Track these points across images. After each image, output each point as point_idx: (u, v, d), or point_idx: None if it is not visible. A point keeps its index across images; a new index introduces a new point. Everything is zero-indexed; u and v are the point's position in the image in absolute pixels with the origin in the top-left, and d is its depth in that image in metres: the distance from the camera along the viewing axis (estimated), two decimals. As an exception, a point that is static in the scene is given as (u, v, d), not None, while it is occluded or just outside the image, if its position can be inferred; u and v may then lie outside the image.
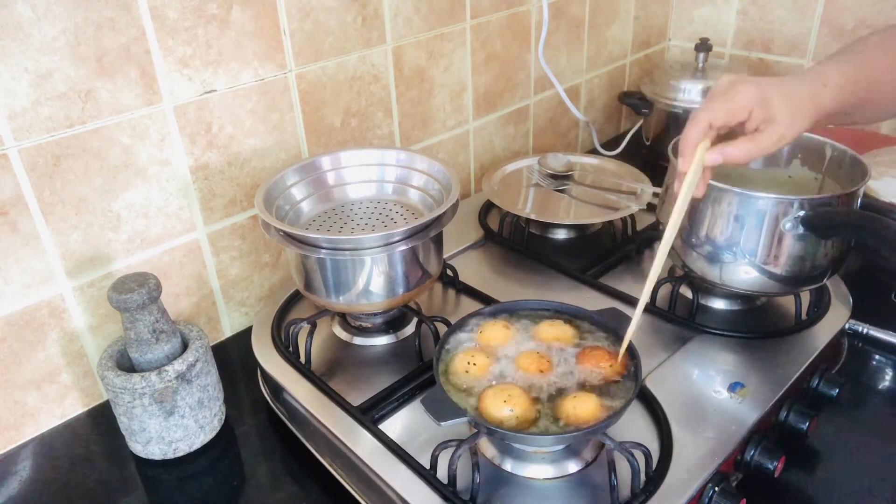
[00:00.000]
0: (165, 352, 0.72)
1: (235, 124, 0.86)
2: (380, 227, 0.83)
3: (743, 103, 0.61)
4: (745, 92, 0.61)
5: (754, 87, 0.61)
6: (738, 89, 0.62)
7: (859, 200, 0.77)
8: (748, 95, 0.61)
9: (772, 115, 0.61)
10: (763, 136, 0.62)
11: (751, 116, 0.62)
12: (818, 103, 0.63)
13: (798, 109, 0.62)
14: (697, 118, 0.62)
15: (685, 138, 0.63)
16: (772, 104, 0.61)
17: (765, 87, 0.62)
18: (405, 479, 0.64)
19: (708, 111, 0.62)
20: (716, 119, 0.62)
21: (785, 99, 0.61)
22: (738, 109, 0.61)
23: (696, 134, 0.62)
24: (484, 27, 1.13)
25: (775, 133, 0.62)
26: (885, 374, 0.84)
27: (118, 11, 0.72)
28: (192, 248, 0.87)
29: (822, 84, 0.64)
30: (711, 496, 0.63)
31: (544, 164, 1.13)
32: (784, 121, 0.61)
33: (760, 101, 0.61)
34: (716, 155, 0.62)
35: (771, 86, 0.62)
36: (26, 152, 0.70)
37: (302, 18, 0.88)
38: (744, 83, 0.62)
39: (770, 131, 0.62)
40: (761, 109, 0.61)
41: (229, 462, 0.76)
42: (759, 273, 0.78)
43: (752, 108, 0.61)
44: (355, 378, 0.78)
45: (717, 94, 0.64)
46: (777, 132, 0.62)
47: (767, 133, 0.62)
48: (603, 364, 0.66)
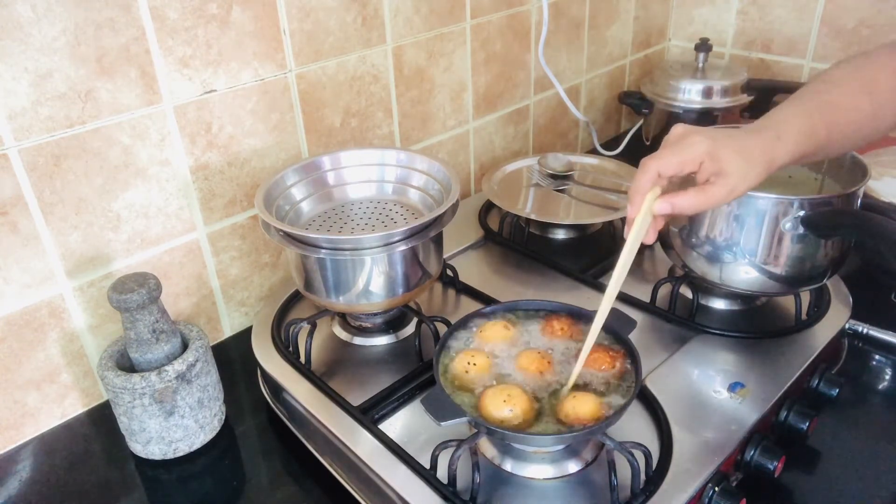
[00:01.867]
0: (165, 352, 0.72)
1: (235, 124, 0.86)
2: (380, 227, 0.83)
3: (693, 155, 0.61)
4: (696, 143, 0.61)
5: (706, 140, 0.61)
6: (690, 140, 0.62)
7: (859, 200, 0.77)
8: (699, 148, 0.61)
9: (722, 168, 0.61)
10: (713, 188, 0.61)
11: (701, 168, 0.61)
12: (771, 157, 0.63)
13: (750, 163, 0.61)
14: (647, 167, 0.62)
15: (634, 186, 0.62)
16: (722, 158, 0.61)
17: (717, 141, 0.61)
18: (405, 479, 0.64)
19: (658, 160, 0.62)
20: (665, 169, 0.62)
21: (736, 153, 0.61)
22: (688, 161, 0.61)
23: (644, 182, 0.62)
24: (484, 27, 1.13)
25: (726, 186, 0.61)
26: (885, 374, 0.84)
27: (118, 11, 0.72)
28: (192, 248, 0.87)
29: (776, 137, 0.64)
30: (711, 496, 0.63)
31: (544, 164, 1.13)
32: (736, 174, 0.61)
33: (711, 155, 0.61)
34: (664, 205, 0.62)
35: (723, 139, 0.62)
36: (26, 152, 0.70)
37: (302, 18, 0.88)
38: (696, 134, 0.62)
39: (721, 184, 0.61)
40: (711, 163, 0.61)
41: (229, 462, 0.76)
42: (759, 273, 0.78)
43: (702, 160, 0.61)
44: (355, 378, 0.78)
45: (669, 143, 0.63)
46: (728, 185, 0.61)
47: (718, 186, 0.61)
48: (603, 364, 0.66)
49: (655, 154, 0.63)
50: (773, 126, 0.65)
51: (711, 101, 1.29)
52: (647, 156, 0.63)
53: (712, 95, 1.29)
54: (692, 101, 1.29)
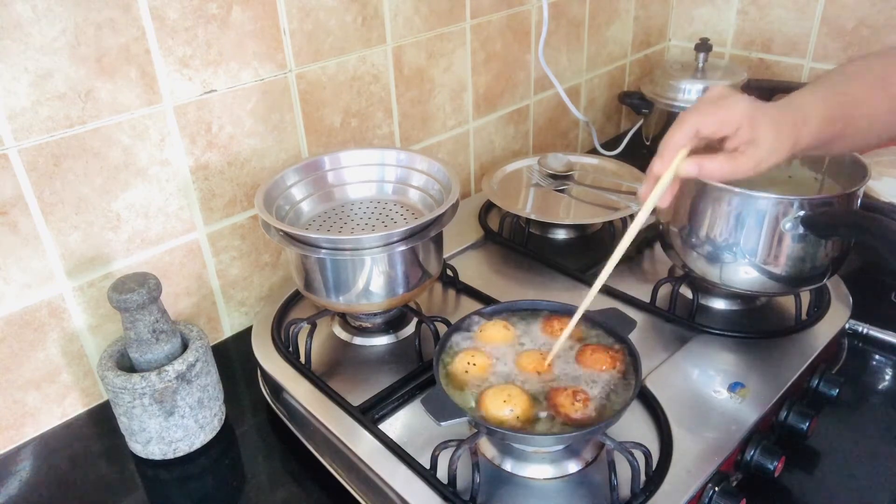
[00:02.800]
0: (165, 352, 0.72)
1: (235, 124, 0.86)
2: (380, 227, 0.83)
3: (735, 115, 0.58)
4: (739, 103, 0.59)
5: (748, 104, 0.59)
6: (733, 99, 0.59)
7: (859, 200, 0.77)
8: (742, 108, 0.58)
9: (757, 136, 0.59)
10: (743, 157, 0.59)
11: (737, 133, 0.59)
12: (798, 137, 0.61)
13: (781, 138, 0.59)
14: (686, 121, 0.59)
15: (669, 140, 0.59)
16: (760, 125, 0.58)
17: (758, 108, 0.59)
18: (405, 479, 0.64)
19: (699, 115, 0.59)
20: (704, 126, 0.59)
21: (772, 124, 0.59)
22: (729, 120, 0.59)
23: (681, 137, 0.59)
24: (484, 27, 1.13)
25: (755, 156, 0.59)
26: (885, 374, 0.84)
27: (118, 11, 0.72)
28: (192, 248, 0.87)
29: (804, 119, 0.62)
30: (711, 496, 0.63)
31: (544, 164, 1.13)
32: (766, 146, 0.58)
33: (751, 121, 0.58)
34: (692, 166, 0.59)
35: (763, 108, 0.60)
36: (26, 152, 0.70)
37: (302, 18, 0.88)
38: (738, 95, 0.60)
39: (750, 153, 0.59)
40: (749, 128, 0.58)
41: (229, 462, 0.76)
42: (759, 273, 0.78)
43: (741, 123, 0.58)
44: (355, 378, 0.78)
45: (710, 100, 0.61)
46: (757, 156, 0.59)
47: (748, 155, 0.59)
48: (603, 364, 0.66)
49: (694, 108, 0.59)
50: (798, 107, 0.62)
51: (711, 101, 1.28)
52: (685, 110, 0.60)
53: (712, 95, 1.28)
54: (692, 101, 1.29)
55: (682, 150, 0.59)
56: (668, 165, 0.59)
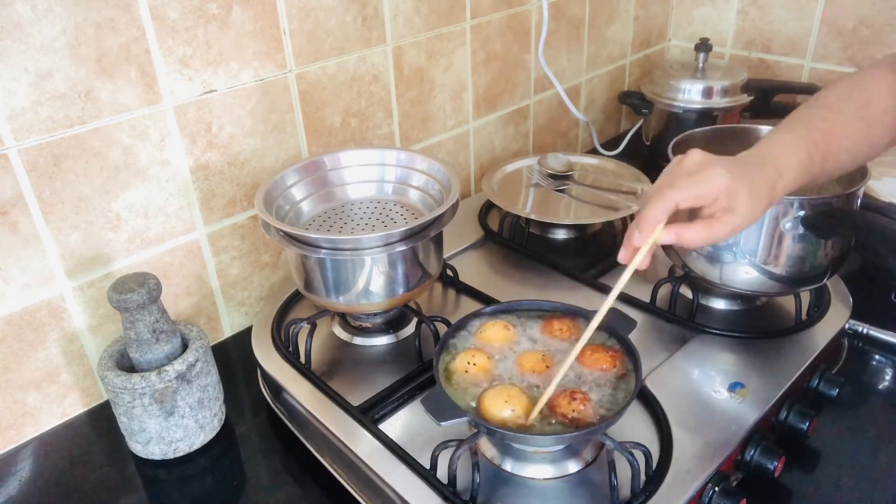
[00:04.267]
0: (165, 352, 0.72)
1: (235, 124, 0.86)
2: (380, 227, 0.83)
3: (712, 190, 0.59)
4: (717, 177, 0.59)
5: (726, 175, 0.59)
6: (711, 173, 0.59)
7: (859, 200, 0.77)
8: (719, 182, 0.59)
9: (734, 205, 0.60)
10: (719, 224, 0.60)
11: (714, 203, 0.60)
12: (773, 195, 0.62)
13: (757, 202, 0.61)
14: (665, 196, 0.59)
15: (648, 215, 0.60)
16: (736, 195, 0.59)
17: (734, 177, 0.60)
18: (405, 479, 0.64)
19: (678, 191, 0.59)
20: (683, 201, 0.59)
21: (748, 191, 0.60)
22: (706, 195, 0.59)
23: (660, 212, 0.59)
24: (484, 27, 1.13)
25: (731, 223, 0.60)
26: (885, 374, 0.84)
27: (118, 11, 0.72)
28: (192, 248, 0.87)
29: (779, 175, 0.63)
30: (711, 496, 0.63)
31: (544, 164, 1.13)
32: (742, 212, 0.60)
33: (728, 192, 0.59)
34: (670, 235, 0.60)
35: (740, 177, 0.60)
36: (26, 152, 0.70)
37: (302, 18, 0.88)
38: (716, 166, 0.60)
39: (727, 220, 0.60)
40: (726, 199, 0.59)
41: (229, 462, 0.76)
42: (759, 273, 0.78)
43: (719, 195, 0.59)
44: (355, 378, 0.78)
45: (687, 173, 0.61)
46: (734, 223, 0.60)
47: (724, 222, 0.60)
48: (603, 364, 0.66)
49: (673, 183, 0.60)
50: (774, 160, 0.63)
51: (711, 101, 1.29)
52: (663, 182, 0.61)
53: (712, 95, 1.28)
54: (692, 101, 1.29)
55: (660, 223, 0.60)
56: (646, 238, 0.60)
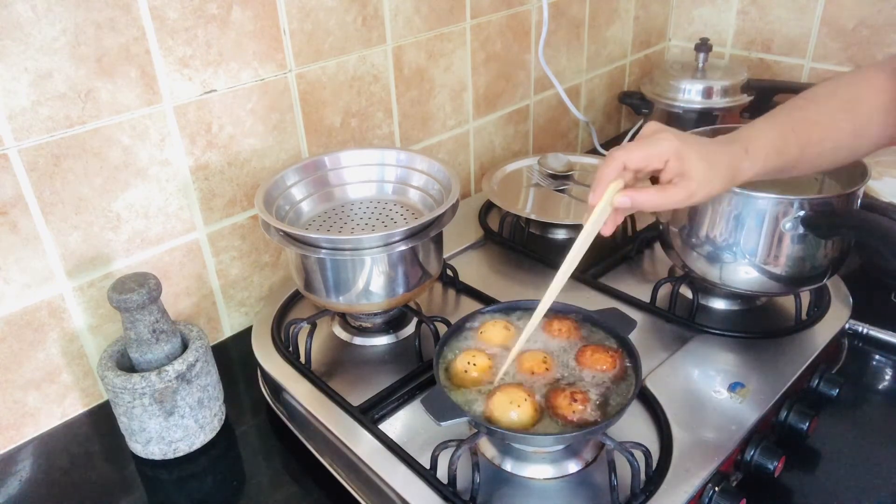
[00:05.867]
0: (165, 352, 0.72)
1: (235, 124, 0.86)
2: (380, 227, 0.83)
3: (660, 151, 0.62)
4: (665, 140, 0.62)
5: (675, 140, 0.62)
6: (659, 137, 0.63)
7: (859, 200, 0.77)
8: (667, 145, 0.62)
9: (686, 170, 0.62)
10: (673, 189, 0.62)
11: (666, 167, 0.62)
12: (735, 170, 0.64)
13: (714, 171, 0.62)
14: (614, 157, 0.62)
15: (599, 174, 0.63)
16: (688, 160, 0.62)
17: (686, 143, 0.62)
18: (405, 479, 0.64)
19: (625, 151, 0.62)
20: (630, 161, 0.62)
21: (701, 159, 0.62)
22: (654, 156, 0.62)
23: (609, 171, 0.62)
24: (484, 27, 1.13)
25: (687, 189, 0.62)
26: (885, 374, 0.84)
27: (118, 11, 0.72)
28: (192, 248, 0.87)
29: (745, 151, 0.65)
30: (711, 496, 0.63)
31: (544, 164, 1.13)
32: (697, 179, 0.61)
33: (678, 154, 0.62)
34: (624, 199, 0.62)
35: (692, 142, 0.63)
36: (26, 152, 0.70)
37: (302, 18, 0.88)
38: (667, 132, 0.63)
39: (682, 186, 0.62)
40: (677, 162, 0.62)
41: (229, 462, 0.76)
42: (759, 273, 0.78)
43: (668, 158, 0.62)
44: (355, 378, 0.78)
45: (640, 137, 0.64)
46: (689, 188, 0.62)
47: (679, 187, 0.62)
48: (603, 364, 0.66)
49: (624, 145, 0.64)
50: (744, 140, 0.66)
51: (711, 101, 1.29)
52: (616, 146, 0.65)
53: (712, 95, 1.28)
54: (692, 101, 1.29)
55: (612, 183, 0.62)
56: (599, 197, 0.62)
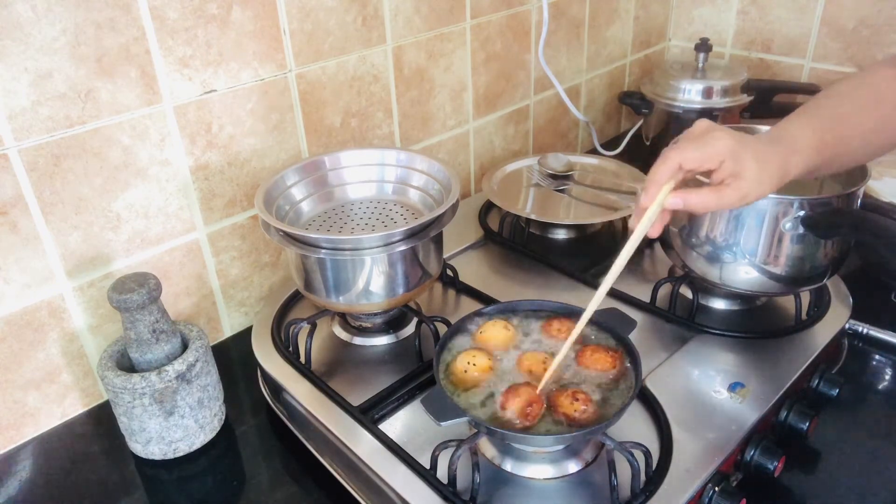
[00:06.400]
0: (165, 352, 0.72)
1: (235, 124, 0.86)
2: (380, 227, 0.83)
3: (717, 152, 0.60)
4: (721, 140, 0.61)
5: (730, 139, 0.61)
6: (714, 136, 0.61)
7: (859, 200, 0.77)
8: (723, 145, 0.60)
9: (741, 170, 0.60)
10: (728, 190, 0.61)
11: (721, 167, 0.61)
12: (786, 169, 0.63)
13: (766, 172, 0.61)
14: (669, 157, 0.61)
15: (653, 175, 0.61)
16: (743, 160, 0.60)
17: (740, 142, 0.61)
18: (405, 479, 0.64)
19: (681, 152, 0.61)
20: (687, 161, 0.61)
21: (756, 159, 0.61)
22: (710, 157, 0.60)
23: (665, 172, 0.61)
24: (484, 27, 1.13)
25: (740, 190, 0.61)
26: (885, 374, 0.84)
27: (118, 11, 0.72)
28: (192, 248, 0.87)
29: (794, 151, 0.64)
30: (711, 496, 0.63)
31: (544, 164, 1.13)
32: (751, 179, 0.60)
33: (733, 155, 0.60)
34: (677, 200, 0.61)
35: (746, 141, 0.61)
36: (26, 152, 0.70)
37: (302, 18, 0.88)
38: (721, 131, 0.62)
39: (735, 186, 0.61)
40: (732, 163, 0.60)
41: (229, 462, 0.76)
42: (759, 273, 0.78)
43: (724, 158, 0.60)
44: (355, 378, 0.78)
45: (693, 137, 0.63)
46: (742, 189, 0.61)
47: (732, 188, 0.61)
48: (603, 364, 0.66)
49: (678, 146, 0.62)
50: (789, 139, 0.64)
51: (711, 101, 1.29)
52: (669, 146, 0.63)
53: (712, 95, 1.28)
54: (692, 101, 1.29)
55: (666, 185, 0.61)
56: (653, 199, 0.61)
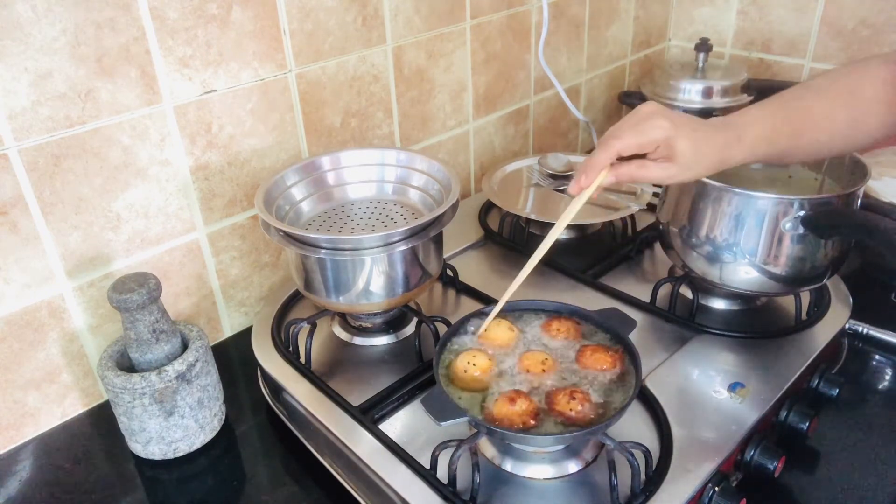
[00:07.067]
0: (165, 352, 0.72)
1: (235, 124, 0.86)
2: (380, 227, 0.83)
3: (653, 139, 0.64)
4: (658, 128, 0.64)
5: (669, 126, 0.64)
6: (653, 123, 0.64)
7: (859, 200, 0.77)
8: (660, 132, 0.64)
9: (672, 155, 0.64)
10: (655, 168, 0.65)
11: (655, 151, 0.65)
12: (725, 155, 0.66)
13: (700, 157, 0.65)
14: (609, 146, 0.65)
15: (593, 160, 0.65)
16: (675, 147, 0.64)
17: (678, 129, 0.64)
18: (405, 479, 0.64)
19: (619, 140, 0.65)
20: (625, 149, 0.65)
21: (690, 146, 0.64)
22: (646, 143, 0.64)
23: (604, 159, 0.65)
24: (484, 27, 1.13)
25: (667, 171, 0.65)
26: (885, 374, 0.84)
27: (118, 11, 0.72)
28: (192, 248, 0.87)
29: (738, 138, 0.67)
30: (711, 496, 0.63)
31: (544, 164, 1.13)
32: (681, 163, 0.64)
33: (667, 141, 0.64)
34: (610, 178, 0.66)
35: (684, 129, 0.65)
36: (26, 152, 0.70)
37: (302, 18, 0.88)
38: (661, 118, 0.65)
39: (663, 167, 0.65)
40: (665, 148, 0.64)
41: (229, 462, 0.76)
42: (759, 273, 0.78)
43: (659, 143, 0.64)
44: (355, 378, 0.78)
45: (633, 122, 0.66)
46: (669, 171, 0.65)
47: (660, 167, 0.65)
48: (603, 364, 0.66)
49: (617, 133, 0.66)
50: (739, 127, 0.68)
51: (711, 101, 1.29)
52: (609, 132, 0.66)
53: (712, 95, 1.28)
54: (692, 101, 1.29)
55: (603, 171, 0.66)
56: (591, 181, 0.66)
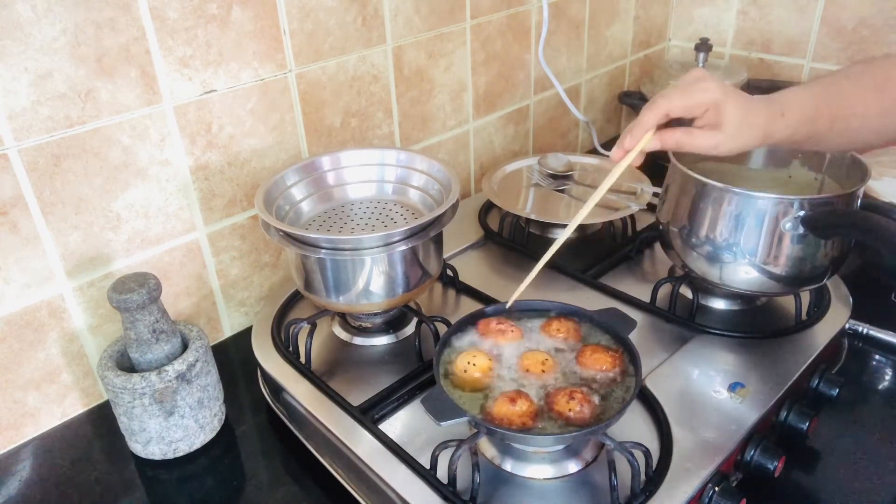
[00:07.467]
0: (165, 352, 0.72)
1: (235, 124, 0.86)
2: (380, 227, 0.83)
3: (701, 101, 0.63)
4: (707, 90, 0.63)
5: (718, 91, 0.63)
6: (702, 87, 0.64)
7: (859, 200, 0.77)
8: (709, 96, 0.63)
9: (719, 122, 0.63)
10: (702, 135, 0.64)
11: (703, 115, 0.64)
12: (768, 130, 0.65)
13: (747, 126, 0.64)
14: (657, 105, 0.64)
15: (641, 120, 0.65)
16: (724, 111, 0.63)
17: (728, 95, 0.63)
18: (405, 479, 0.64)
19: (668, 100, 0.64)
20: (673, 110, 0.64)
21: (738, 112, 0.63)
22: (695, 106, 0.64)
23: (651, 119, 0.65)
24: (484, 27, 1.13)
25: (713, 139, 0.64)
26: (885, 374, 0.84)
27: (118, 11, 0.72)
28: (192, 248, 0.87)
29: (781, 113, 0.66)
30: (711, 496, 0.63)
31: (544, 164, 1.13)
32: (727, 131, 0.63)
33: (716, 106, 0.63)
34: (655, 142, 0.66)
35: (733, 96, 0.64)
36: (26, 152, 0.70)
37: (302, 18, 0.88)
38: (710, 82, 0.64)
39: (710, 135, 0.64)
40: (714, 113, 0.63)
41: (229, 462, 0.76)
42: (759, 273, 0.78)
43: (708, 107, 0.63)
44: (355, 378, 0.78)
45: (683, 85, 0.65)
46: (715, 139, 0.64)
47: (706, 136, 0.64)
48: (603, 364, 0.66)
49: (666, 93, 0.65)
50: (782, 103, 0.67)
51: (711, 101, 1.29)
52: (660, 93, 0.66)
53: (712, 95, 1.28)
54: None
55: (650, 132, 0.65)
56: (636, 142, 0.66)
